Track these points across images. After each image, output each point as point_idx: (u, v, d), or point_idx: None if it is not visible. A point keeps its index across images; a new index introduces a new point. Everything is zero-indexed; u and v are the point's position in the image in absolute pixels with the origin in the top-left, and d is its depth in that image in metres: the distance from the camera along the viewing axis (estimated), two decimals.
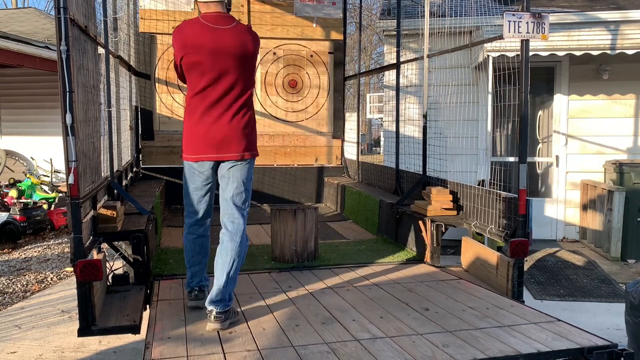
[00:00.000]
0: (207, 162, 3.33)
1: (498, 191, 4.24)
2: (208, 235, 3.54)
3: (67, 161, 3.06)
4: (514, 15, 3.71)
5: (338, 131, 7.85)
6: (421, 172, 5.54)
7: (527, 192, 3.84)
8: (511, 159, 7.76)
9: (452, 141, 6.88)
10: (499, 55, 6.35)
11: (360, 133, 7.90)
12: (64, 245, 8.87)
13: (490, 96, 6.88)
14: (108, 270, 3.91)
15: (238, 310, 3.46)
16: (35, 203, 9.81)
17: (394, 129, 6.22)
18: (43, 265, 7.83)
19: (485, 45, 6.63)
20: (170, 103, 7.25)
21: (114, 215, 3.82)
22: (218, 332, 3.09)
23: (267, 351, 2.81)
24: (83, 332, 3.21)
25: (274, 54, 7.52)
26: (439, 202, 4.82)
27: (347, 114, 9.41)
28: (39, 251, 8.57)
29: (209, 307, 3.14)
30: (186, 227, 3.49)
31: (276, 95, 7.59)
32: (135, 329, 3.26)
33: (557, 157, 8.37)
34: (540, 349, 2.82)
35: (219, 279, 3.20)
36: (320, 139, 7.75)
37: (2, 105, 12.17)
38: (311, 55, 7.63)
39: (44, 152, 11.57)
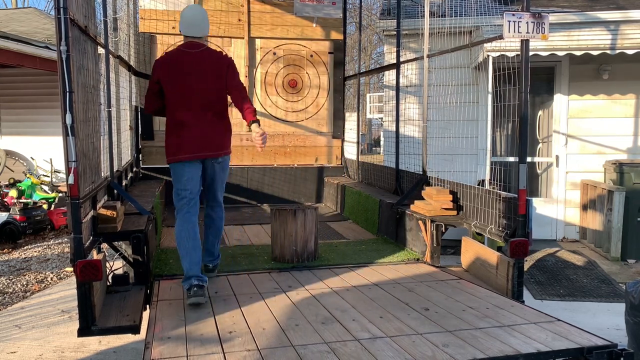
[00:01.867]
0: None
1: (498, 191, 4.24)
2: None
3: (67, 161, 3.06)
4: (514, 15, 3.71)
5: (338, 131, 7.85)
6: (421, 172, 5.54)
7: (527, 192, 3.84)
8: (511, 159, 7.76)
9: (452, 141, 6.88)
10: (499, 55, 6.35)
11: (360, 133, 7.90)
12: (64, 245, 8.87)
13: (490, 96, 6.88)
14: (108, 270, 3.91)
15: (238, 310, 3.46)
16: (35, 203, 9.81)
17: (394, 128, 6.23)
18: (43, 265, 7.83)
19: (485, 45, 6.63)
20: None
21: (114, 215, 3.82)
22: (218, 332, 3.09)
23: (267, 351, 2.81)
24: (83, 332, 3.21)
25: (274, 54, 7.52)
26: (439, 202, 4.82)
27: (347, 114, 9.41)
28: (39, 251, 8.57)
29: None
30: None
31: (276, 95, 7.59)
32: (135, 329, 3.26)
33: (557, 157, 8.36)
34: (540, 348, 2.82)
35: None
36: (320, 139, 7.75)
37: (2, 105, 12.17)
38: (311, 55, 7.63)
39: (44, 152, 11.57)
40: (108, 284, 3.87)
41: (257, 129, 3.81)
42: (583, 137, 8.27)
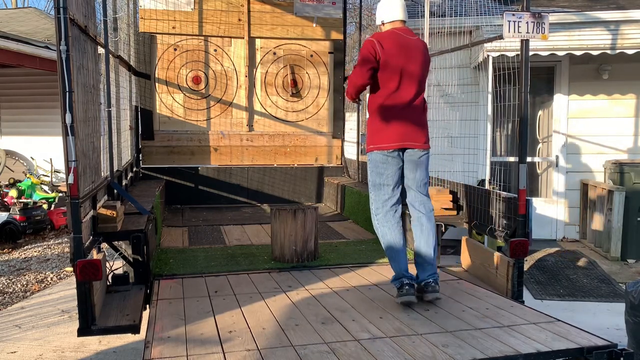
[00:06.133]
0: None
1: (498, 191, 4.24)
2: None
3: (67, 161, 3.06)
4: (513, 15, 3.71)
5: (338, 131, 7.85)
6: None
7: (527, 192, 3.84)
8: (511, 159, 7.76)
9: (452, 141, 6.88)
10: (499, 55, 6.35)
11: (360, 133, 7.89)
12: (64, 245, 8.87)
13: (490, 96, 6.88)
14: (108, 270, 3.91)
15: (238, 309, 3.46)
16: (35, 203, 9.82)
17: None
18: (43, 265, 7.83)
19: (485, 45, 6.63)
20: (170, 103, 7.25)
21: (114, 215, 3.82)
22: (218, 331, 3.09)
23: (266, 351, 2.80)
24: (83, 332, 3.21)
25: (274, 54, 7.52)
26: (439, 202, 4.82)
27: (347, 114, 9.40)
28: (39, 251, 8.57)
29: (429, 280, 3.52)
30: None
31: (276, 95, 7.59)
32: (135, 329, 3.26)
33: (557, 157, 8.36)
34: (540, 349, 2.82)
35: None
36: (320, 138, 7.75)
37: (2, 105, 12.17)
38: (311, 55, 7.63)
39: (44, 152, 11.56)
40: (108, 283, 3.87)
41: None
42: (583, 137, 8.27)
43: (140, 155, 7.14)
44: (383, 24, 3.80)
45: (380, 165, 3.73)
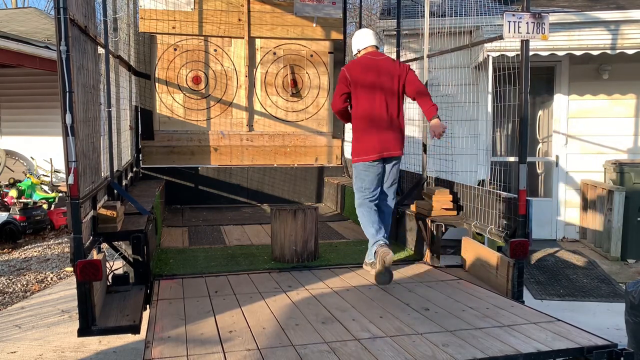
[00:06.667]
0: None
1: (498, 191, 4.24)
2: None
3: (67, 161, 3.06)
4: (514, 15, 3.71)
5: (338, 131, 7.85)
6: (421, 172, 5.54)
7: (527, 192, 3.84)
8: (511, 159, 7.76)
9: (452, 141, 6.87)
10: (499, 55, 6.35)
11: None
12: (64, 245, 8.87)
13: (490, 96, 6.88)
14: (108, 270, 3.91)
15: (238, 309, 3.46)
16: (35, 203, 9.81)
17: None
18: (43, 265, 7.84)
19: (485, 45, 6.63)
20: (170, 103, 7.25)
21: (114, 215, 3.82)
22: (218, 331, 3.09)
23: (267, 350, 2.80)
24: (83, 332, 3.21)
25: (274, 54, 7.52)
26: (439, 202, 4.81)
27: None
28: (39, 251, 8.57)
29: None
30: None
31: (276, 95, 7.59)
32: (135, 329, 3.26)
33: (557, 157, 8.36)
34: (540, 348, 2.82)
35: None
36: (320, 138, 7.75)
37: (2, 105, 12.17)
38: (311, 55, 7.63)
39: (44, 152, 11.56)
40: (108, 284, 3.87)
41: None
42: (583, 137, 8.27)
43: (140, 155, 7.14)
44: (359, 51, 4.50)
45: (362, 173, 4.39)
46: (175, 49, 7.20)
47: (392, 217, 4.70)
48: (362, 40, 4.48)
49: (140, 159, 7.15)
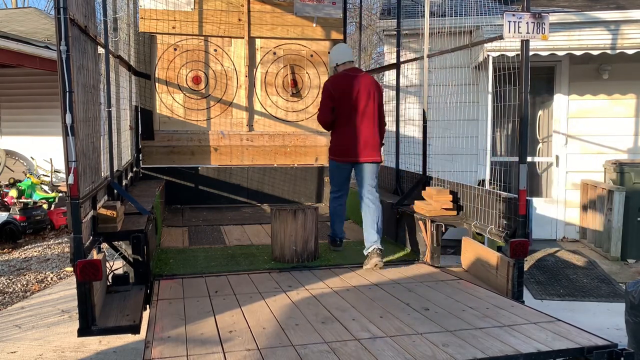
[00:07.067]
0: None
1: (498, 191, 4.24)
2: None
3: (67, 161, 3.06)
4: (514, 15, 3.71)
5: None
6: (421, 172, 5.54)
7: (527, 192, 3.84)
8: (511, 159, 7.75)
9: (452, 141, 6.88)
10: (499, 55, 6.35)
11: None
12: (64, 245, 8.87)
13: (490, 96, 6.88)
14: (108, 270, 3.91)
15: (238, 309, 3.46)
16: (35, 203, 9.81)
17: (394, 129, 6.22)
18: (43, 265, 7.84)
19: (485, 45, 6.63)
20: (170, 103, 7.24)
21: (114, 215, 3.82)
22: (218, 331, 3.09)
23: (267, 350, 2.81)
24: (83, 332, 3.21)
25: (274, 54, 7.52)
26: (439, 202, 4.81)
27: None
28: (39, 251, 8.57)
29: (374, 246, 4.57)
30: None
31: (276, 95, 7.59)
32: (135, 329, 3.26)
33: (557, 157, 8.37)
34: (540, 348, 2.82)
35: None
36: (320, 138, 7.74)
37: (2, 105, 12.17)
38: (311, 55, 7.63)
39: (44, 152, 11.56)
40: (108, 284, 3.87)
41: None
42: (583, 137, 8.27)
43: (140, 155, 7.14)
44: (337, 65, 5.06)
45: (334, 170, 5.04)
46: (175, 49, 7.20)
47: (392, 217, 4.73)
48: (341, 56, 5.06)
49: (140, 159, 7.15)
